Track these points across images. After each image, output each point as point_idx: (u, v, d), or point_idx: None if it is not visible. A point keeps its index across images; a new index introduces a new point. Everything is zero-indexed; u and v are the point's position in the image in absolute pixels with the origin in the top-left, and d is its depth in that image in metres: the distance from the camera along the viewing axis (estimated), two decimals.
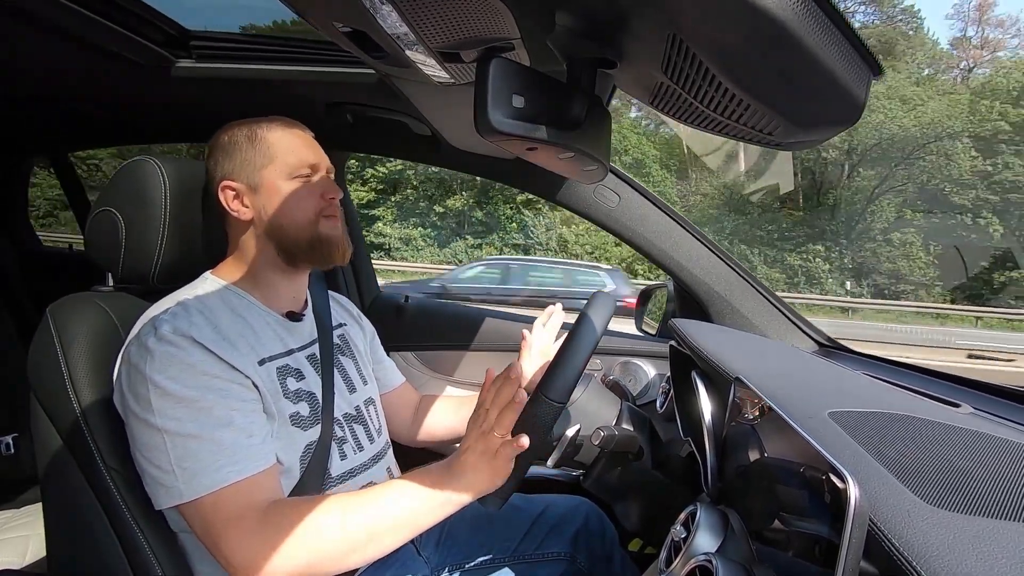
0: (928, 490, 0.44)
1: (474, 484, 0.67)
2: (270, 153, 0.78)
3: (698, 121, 0.50)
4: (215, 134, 0.82)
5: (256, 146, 0.78)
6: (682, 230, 1.23)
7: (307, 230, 0.79)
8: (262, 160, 0.78)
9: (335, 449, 0.79)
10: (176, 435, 0.64)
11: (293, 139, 0.80)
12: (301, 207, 0.78)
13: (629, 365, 1.39)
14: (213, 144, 0.81)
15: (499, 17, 0.50)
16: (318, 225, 0.79)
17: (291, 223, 0.78)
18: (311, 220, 0.79)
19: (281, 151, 0.79)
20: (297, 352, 0.81)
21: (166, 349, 0.65)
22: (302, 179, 0.79)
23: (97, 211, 0.83)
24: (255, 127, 0.80)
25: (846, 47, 0.34)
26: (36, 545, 1.17)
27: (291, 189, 0.78)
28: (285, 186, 0.78)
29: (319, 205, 0.80)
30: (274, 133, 0.79)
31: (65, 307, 0.76)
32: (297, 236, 0.78)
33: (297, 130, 0.82)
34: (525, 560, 0.95)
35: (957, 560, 0.35)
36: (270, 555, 0.60)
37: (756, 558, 0.56)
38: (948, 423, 0.59)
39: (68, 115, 1.53)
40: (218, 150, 0.80)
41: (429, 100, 0.96)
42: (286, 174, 0.78)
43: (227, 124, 0.82)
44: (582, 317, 0.77)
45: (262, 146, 0.78)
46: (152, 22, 1.04)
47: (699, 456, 0.75)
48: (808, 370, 0.87)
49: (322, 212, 0.80)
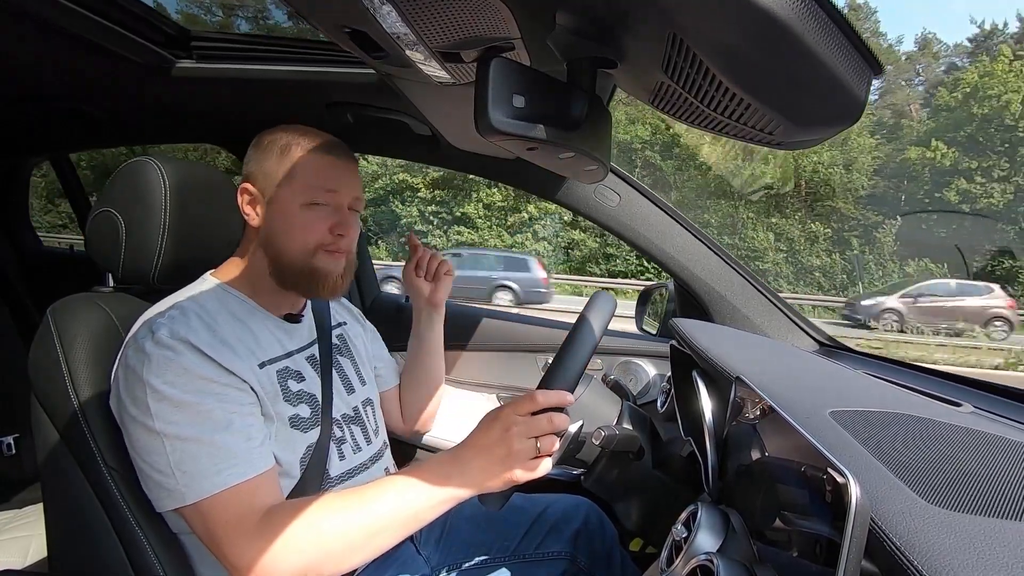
0: (929, 489, 0.44)
1: (477, 477, 0.64)
2: (292, 171, 0.76)
3: (698, 121, 0.50)
4: (265, 131, 0.80)
5: (283, 160, 0.76)
6: (683, 230, 1.23)
7: (302, 259, 0.77)
8: (283, 176, 0.76)
9: (334, 450, 0.79)
10: (175, 439, 0.63)
11: (323, 164, 0.77)
12: (303, 236, 0.76)
13: (630, 365, 1.39)
14: (256, 140, 0.79)
15: (499, 17, 0.50)
16: (314, 257, 0.77)
17: (288, 248, 0.76)
18: (309, 251, 0.77)
19: (303, 172, 0.76)
20: (296, 354, 0.80)
21: (163, 353, 0.65)
22: (316, 207, 0.77)
23: (97, 211, 0.83)
24: (293, 140, 0.77)
25: (846, 46, 0.34)
26: (38, 545, 1.18)
27: (300, 214, 0.76)
28: (296, 210, 0.76)
29: (322, 239, 0.77)
30: (306, 152, 0.77)
31: (66, 308, 0.76)
32: (291, 262, 0.77)
33: (335, 156, 0.79)
34: (525, 559, 0.95)
35: (958, 559, 0.35)
36: (272, 556, 0.61)
37: (757, 557, 0.56)
38: (949, 422, 0.59)
39: (68, 115, 1.53)
40: (256, 148, 0.79)
41: (429, 100, 0.96)
42: (300, 197, 0.76)
43: (280, 125, 0.80)
44: (582, 318, 0.77)
45: (287, 162, 0.76)
46: (152, 22, 1.04)
47: (700, 456, 0.75)
48: (809, 369, 0.87)
49: (323, 246, 0.77)
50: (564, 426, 0.64)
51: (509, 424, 0.63)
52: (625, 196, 1.23)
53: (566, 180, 1.25)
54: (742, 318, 1.23)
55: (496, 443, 0.63)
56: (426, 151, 1.32)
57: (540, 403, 0.64)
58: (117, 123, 1.55)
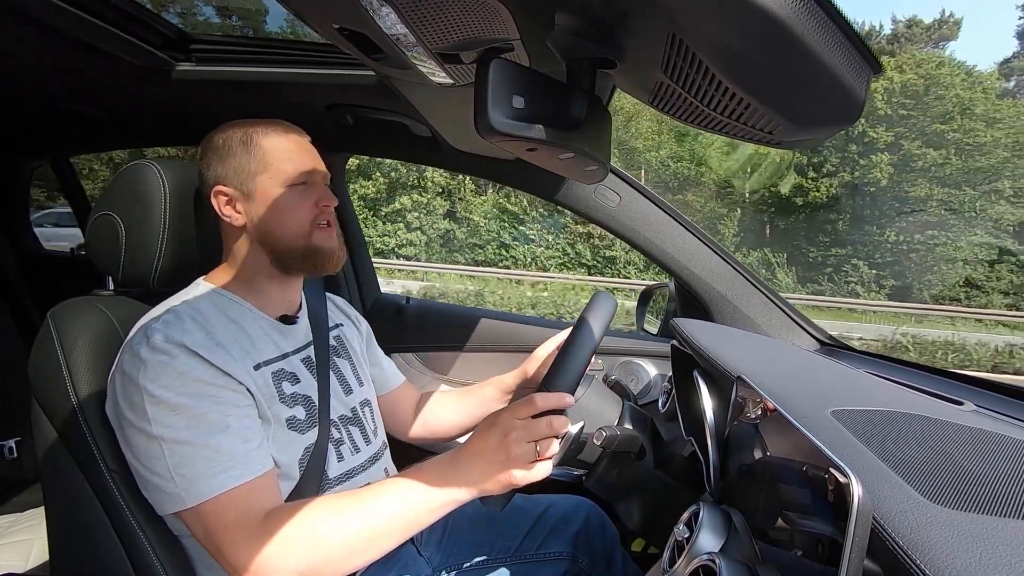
0: (931, 488, 0.44)
1: (476, 481, 0.64)
2: (265, 160, 0.77)
3: (698, 120, 0.50)
4: (208, 135, 0.80)
5: (251, 152, 0.77)
6: (683, 229, 1.23)
7: (300, 240, 0.78)
8: (256, 167, 0.77)
9: (332, 451, 0.79)
10: (173, 443, 0.63)
11: (289, 145, 0.79)
12: (295, 217, 0.77)
13: (631, 365, 1.39)
14: (206, 146, 0.80)
15: (499, 18, 0.50)
16: (311, 236, 0.78)
17: (284, 232, 0.77)
18: (305, 230, 0.78)
19: (276, 158, 0.77)
20: (292, 355, 0.80)
21: (159, 358, 0.65)
22: (297, 187, 0.78)
23: (97, 215, 0.83)
24: (250, 131, 0.78)
25: (846, 45, 0.34)
26: (39, 548, 1.18)
27: (285, 198, 0.77)
28: (279, 195, 0.77)
29: (313, 214, 0.79)
30: (270, 139, 0.78)
31: (66, 311, 0.76)
32: (290, 245, 0.78)
33: (294, 135, 0.81)
34: (526, 560, 0.95)
35: (960, 557, 0.35)
36: (271, 559, 0.60)
37: (760, 557, 0.56)
38: (951, 421, 0.59)
39: (69, 118, 1.54)
40: (211, 152, 0.78)
41: (429, 101, 0.96)
42: (280, 182, 0.77)
43: (222, 125, 0.80)
44: (582, 318, 0.77)
45: (257, 152, 0.77)
46: (152, 26, 1.04)
47: (701, 455, 0.75)
48: (810, 369, 0.87)
49: (316, 221, 0.79)
50: (564, 429, 0.64)
51: (508, 429, 0.63)
52: (625, 196, 1.23)
53: (566, 180, 1.25)
54: (743, 318, 1.23)
55: (495, 448, 0.63)
56: (426, 152, 1.32)
57: (539, 406, 0.64)
58: (117, 125, 1.55)
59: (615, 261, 16.60)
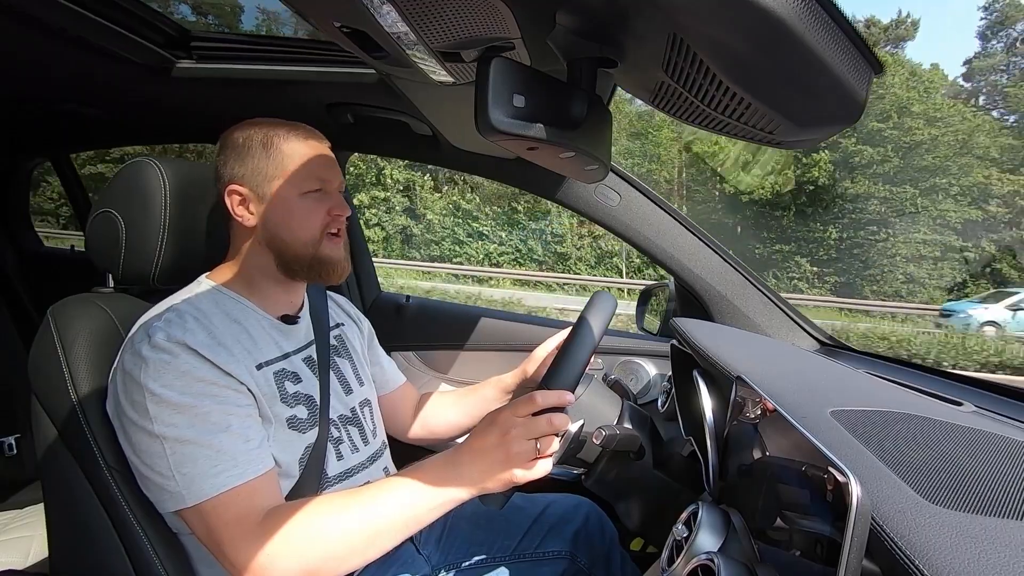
0: (930, 488, 0.44)
1: (476, 479, 0.64)
2: (283, 165, 0.77)
3: (699, 120, 0.50)
4: (228, 131, 0.80)
5: (270, 155, 0.77)
6: (683, 229, 1.23)
7: (309, 248, 0.78)
8: (274, 171, 0.77)
9: (331, 450, 0.79)
10: (174, 441, 0.63)
11: (309, 152, 0.79)
12: (306, 224, 0.77)
13: (630, 364, 1.39)
14: (225, 142, 0.79)
15: (499, 17, 0.50)
16: (320, 245, 0.78)
17: (294, 239, 0.77)
18: (315, 239, 0.78)
19: (295, 165, 0.77)
20: (293, 355, 0.80)
21: (160, 357, 0.65)
22: (312, 194, 0.78)
23: (97, 212, 0.83)
24: (271, 134, 0.78)
25: (847, 45, 0.34)
26: (39, 546, 1.18)
27: (299, 205, 0.77)
28: (294, 201, 0.77)
29: (325, 222, 0.79)
30: (290, 144, 0.78)
31: (66, 308, 0.76)
32: (298, 252, 0.78)
33: (314, 141, 0.80)
34: (525, 559, 0.95)
35: (959, 558, 0.35)
36: (271, 557, 0.61)
37: (758, 557, 0.56)
38: (950, 421, 0.59)
39: (69, 116, 1.53)
40: (230, 150, 0.78)
41: (430, 100, 0.96)
42: (296, 189, 0.77)
43: (243, 122, 0.80)
44: (582, 318, 0.77)
45: (276, 156, 0.77)
46: (153, 23, 1.04)
47: (700, 455, 0.75)
48: (809, 369, 0.87)
49: (327, 229, 0.79)
50: (563, 427, 0.63)
51: (508, 427, 0.63)
52: (625, 195, 1.23)
53: (566, 179, 1.24)
54: (743, 317, 1.23)
55: (495, 446, 0.63)
56: (426, 151, 1.32)
57: (539, 404, 0.64)
58: (117, 123, 1.55)
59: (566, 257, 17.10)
